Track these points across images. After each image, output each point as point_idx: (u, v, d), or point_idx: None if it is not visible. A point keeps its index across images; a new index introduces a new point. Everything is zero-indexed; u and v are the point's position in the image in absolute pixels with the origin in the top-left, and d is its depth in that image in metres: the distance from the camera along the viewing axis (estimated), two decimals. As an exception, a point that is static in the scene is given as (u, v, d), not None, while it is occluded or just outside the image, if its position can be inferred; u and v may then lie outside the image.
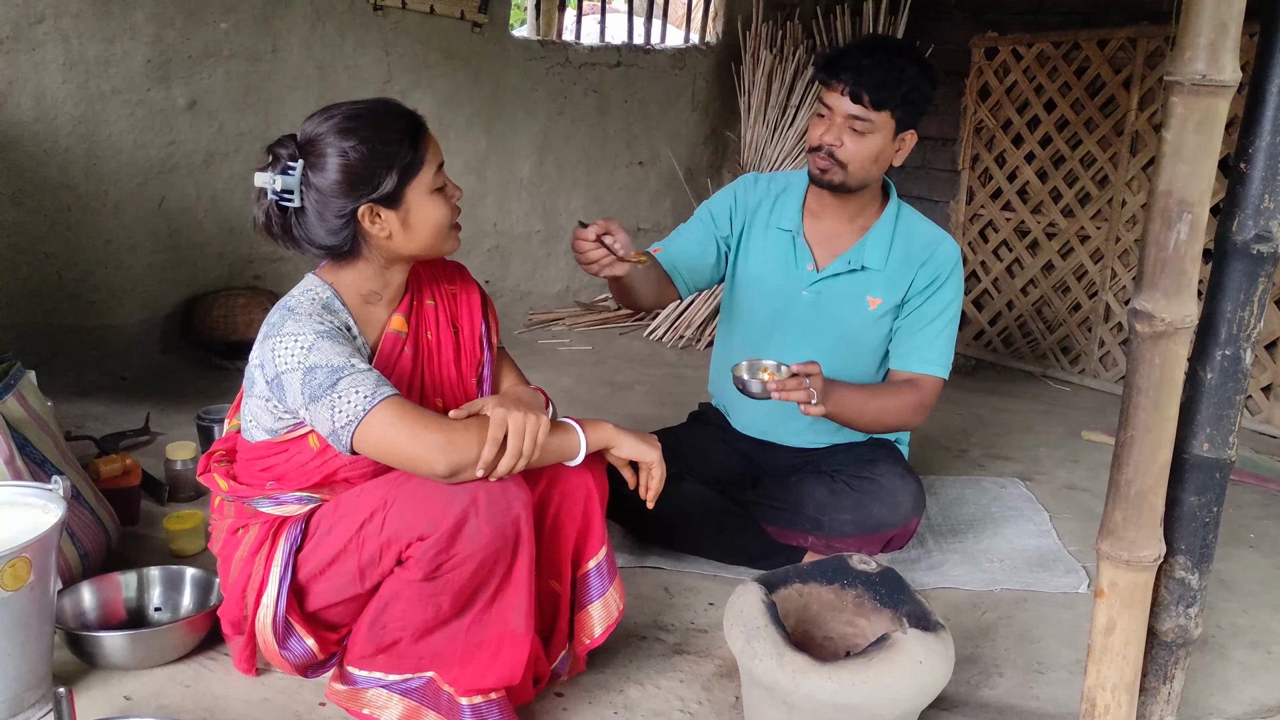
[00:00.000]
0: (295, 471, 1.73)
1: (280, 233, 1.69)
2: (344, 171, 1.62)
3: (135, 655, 1.86)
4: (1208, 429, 1.62)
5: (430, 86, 4.29)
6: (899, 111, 2.19)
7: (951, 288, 2.34)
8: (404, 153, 1.66)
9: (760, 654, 1.60)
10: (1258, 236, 1.54)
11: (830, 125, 2.21)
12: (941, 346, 2.34)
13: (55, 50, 3.41)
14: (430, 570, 1.59)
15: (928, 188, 4.86)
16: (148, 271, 3.81)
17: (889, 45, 2.21)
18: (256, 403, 1.71)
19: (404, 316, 1.81)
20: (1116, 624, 1.65)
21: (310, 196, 1.64)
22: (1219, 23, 1.42)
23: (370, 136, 1.63)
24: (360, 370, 1.59)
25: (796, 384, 2.07)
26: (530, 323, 4.83)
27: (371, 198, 1.64)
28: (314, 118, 1.67)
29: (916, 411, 2.32)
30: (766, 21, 4.84)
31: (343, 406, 1.56)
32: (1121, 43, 3.99)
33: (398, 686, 1.70)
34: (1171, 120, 1.48)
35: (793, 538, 2.34)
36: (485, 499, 1.57)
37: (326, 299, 1.70)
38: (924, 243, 2.35)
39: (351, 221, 1.66)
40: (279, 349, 1.62)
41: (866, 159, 2.22)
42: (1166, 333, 1.52)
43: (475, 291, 1.96)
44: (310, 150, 1.64)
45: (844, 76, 2.16)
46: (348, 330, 1.70)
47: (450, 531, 1.56)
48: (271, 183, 1.63)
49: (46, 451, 2.18)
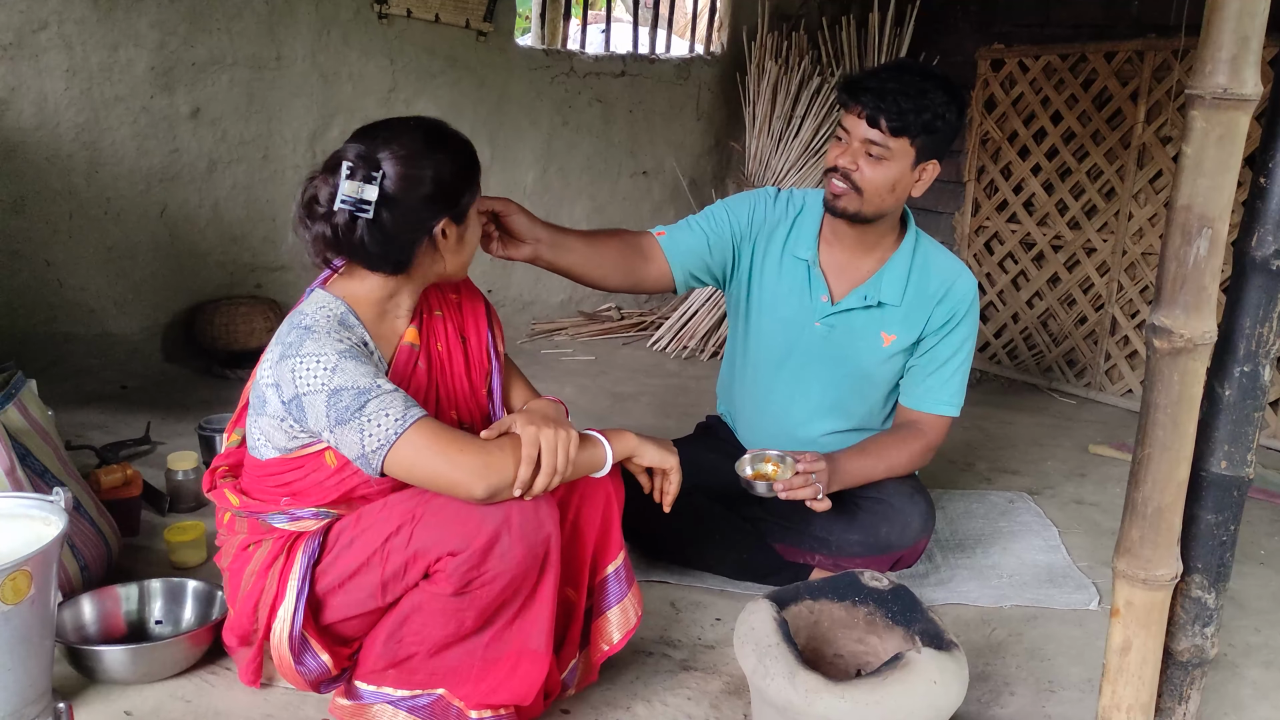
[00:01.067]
0: (313, 488, 1.70)
1: (344, 244, 1.63)
2: (436, 185, 1.62)
3: (136, 669, 1.83)
4: (1226, 446, 1.61)
5: (434, 95, 4.28)
6: (919, 140, 2.09)
7: (967, 325, 2.29)
8: (475, 169, 1.70)
9: (772, 673, 1.58)
10: (1277, 252, 1.52)
11: (847, 149, 2.13)
12: (955, 387, 2.30)
13: (58, 57, 3.40)
14: (461, 586, 1.57)
15: (932, 199, 4.85)
16: (149, 280, 3.79)
17: (916, 70, 2.10)
18: (269, 422, 1.67)
19: (416, 329, 1.79)
20: (1132, 643, 1.63)
21: (390, 209, 1.59)
22: (1241, 36, 1.41)
23: (452, 153, 1.66)
24: (387, 391, 1.57)
25: (803, 481, 2.07)
26: (533, 333, 4.81)
27: (450, 213, 1.66)
28: (383, 135, 1.62)
29: (924, 455, 2.31)
30: (772, 32, 4.83)
31: (372, 430, 1.54)
32: (1129, 55, 3.98)
33: (405, 703, 1.68)
34: (1192, 134, 1.46)
35: (800, 555, 2.31)
36: (519, 518, 1.56)
37: (342, 314, 1.67)
38: (941, 278, 2.28)
39: (426, 236, 1.65)
40: (299, 370, 1.58)
41: (882, 187, 2.13)
42: (1185, 349, 1.51)
43: (480, 301, 1.94)
44: (393, 164, 1.59)
45: (863, 100, 2.08)
46: (365, 346, 1.68)
47: (483, 549, 1.55)
48: (358, 191, 1.57)
49: (48, 462, 2.16)
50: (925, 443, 2.29)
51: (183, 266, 3.86)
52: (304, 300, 1.72)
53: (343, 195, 1.58)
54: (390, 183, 1.59)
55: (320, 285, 1.74)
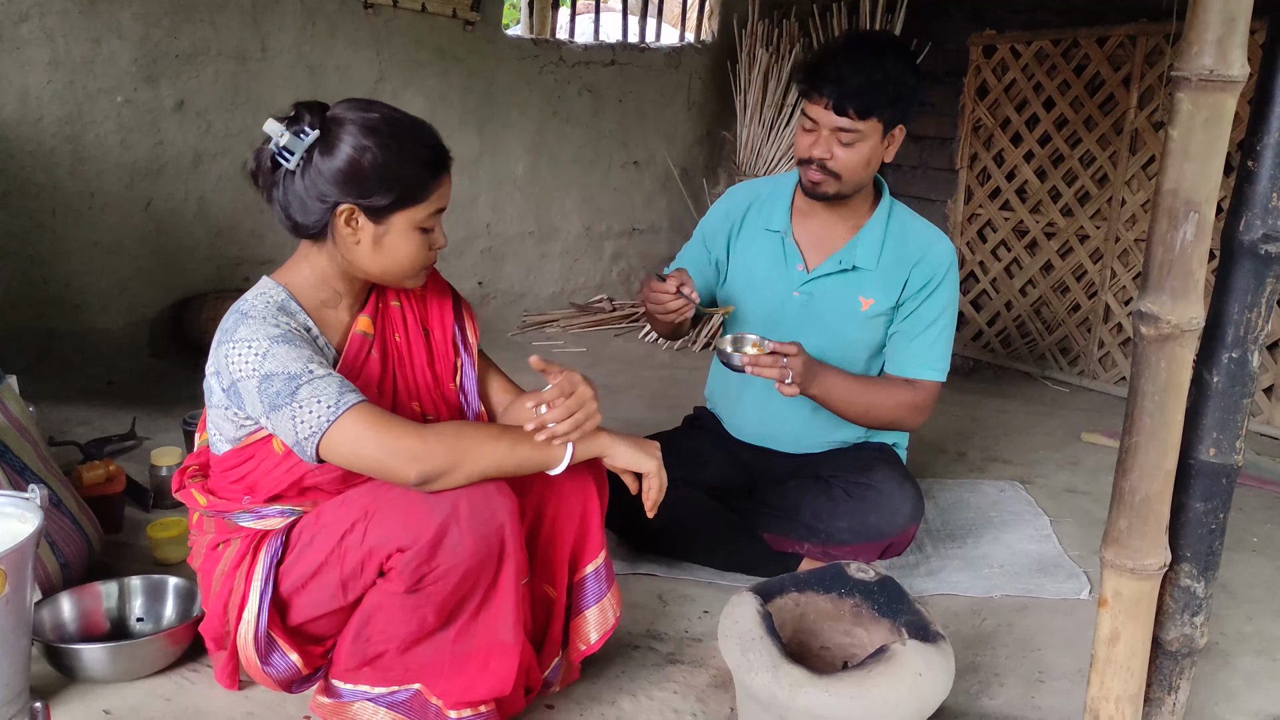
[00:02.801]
0: (265, 478, 1.68)
1: (263, 185, 1.65)
2: (348, 165, 1.57)
3: (115, 668, 1.81)
4: (1214, 434, 1.58)
5: (422, 86, 4.25)
6: (886, 113, 2.13)
7: (947, 289, 2.30)
8: (413, 180, 1.61)
9: (756, 667, 1.56)
10: (1266, 236, 1.50)
11: (818, 138, 2.16)
12: (939, 351, 2.30)
13: (40, 50, 3.37)
14: (412, 582, 1.55)
15: (925, 187, 4.82)
16: (135, 274, 3.76)
17: (869, 47, 2.10)
18: (217, 412, 1.66)
19: (370, 318, 1.76)
20: (1120, 634, 1.61)
21: (306, 169, 1.59)
22: (1227, 17, 1.38)
23: (391, 148, 1.58)
24: (319, 376, 1.55)
25: (771, 361, 2.07)
26: (524, 325, 4.78)
27: (358, 202, 1.60)
28: (353, 103, 1.62)
29: (911, 411, 2.30)
30: (762, 20, 4.79)
31: (304, 416, 1.52)
32: (1120, 40, 3.95)
33: (384, 699, 1.66)
34: (1178, 117, 1.43)
35: (789, 545, 2.30)
36: (467, 508, 1.53)
37: (282, 301, 1.65)
38: (918, 243, 2.31)
39: (329, 211, 1.61)
40: (232, 355, 1.57)
41: (859, 166, 2.17)
42: (1172, 335, 1.48)
43: (447, 293, 1.90)
44: (331, 129, 1.59)
45: (826, 90, 2.09)
46: (307, 332, 1.65)
47: (431, 543, 1.52)
48: (279, 135, 1.58)
49: (27, 459, 2.14)
50: (913, 398, 2.29)
51: (169, 261, 3.83)
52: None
53: (266, 130, 1.59)
54: (318, 146, 1.58)
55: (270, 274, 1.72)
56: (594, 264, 5.11)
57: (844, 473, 2.32)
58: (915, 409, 2.29)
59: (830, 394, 2.20)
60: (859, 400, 2.25)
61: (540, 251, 4.90)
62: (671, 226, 5.23)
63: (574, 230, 4.99)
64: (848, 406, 2.24)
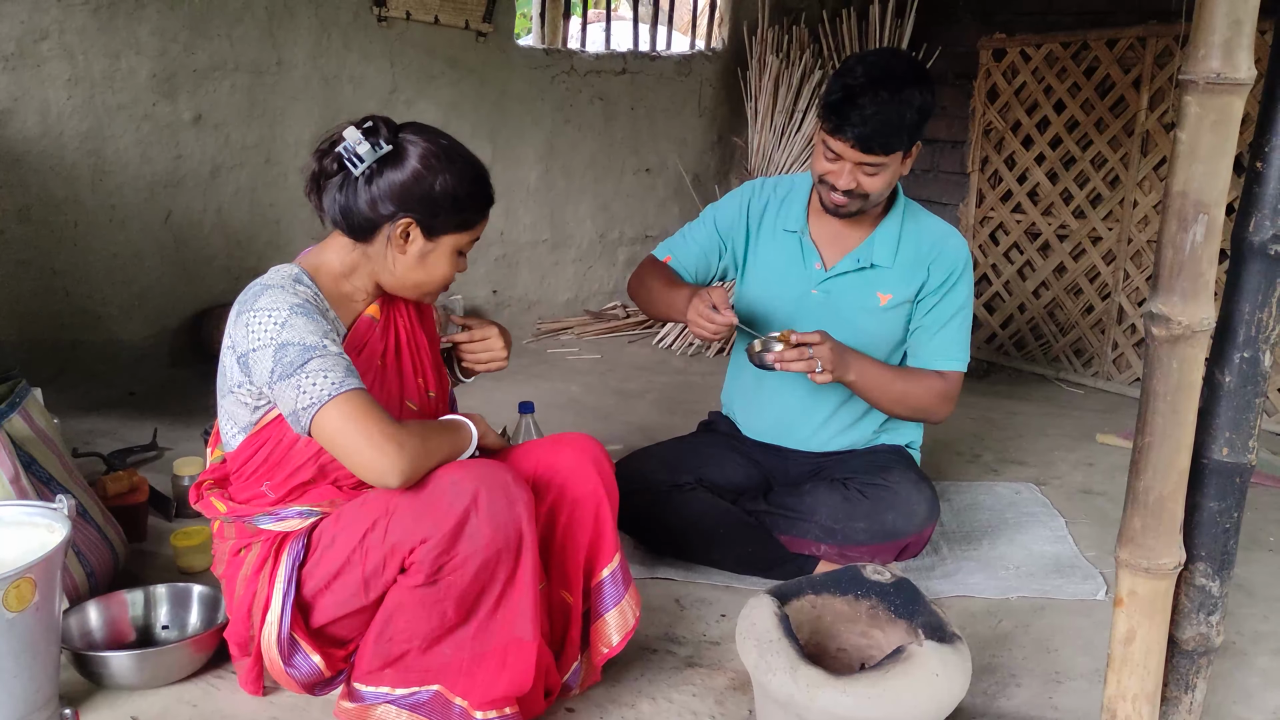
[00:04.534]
0: (286, 457, 1.73)
1: (323, 184, 1.72)
2: (420, 185, 1.67)
3: (142, 675, 1.84)
4: (1227, 433, 1.59)
5: (435, 96, 4.29)
6: (907, 143, 2.17)
7: (965, 284, 2.35)
8: (470, 211, 1.74)
9: (774, 668, 1.57)
10: (1275, 237, 1.51)
11: (842, 170, 2.19)
12: (960, 341, 2.35)
13: (60, 66, 3.42)
14: (431, 572, 1.58)
15: (937, 190, 4.83)
16: (155, 286, 3.81)
17: (889, 80, 2.10)
18: (229, 400, 1.72)
19: (378, 306, 1.83)
20: (1137, 633, 1.62)
21: (374, 179, 1.67)
22: (1234, 20, 1.40)
23: (459, 177, 1.70)
24: (333, 354, 1.60)
25: (797, 355, 2.10)
26: (539, 332, 4.81)
27: (419, 218, 1.69)
28: (423, 128, 1.72)
29: (942, 400, 2.33)
30: (772, 26, 4.81)
31: (308, 387, 1.57)
32: (1130, 42, 3.96)
33: (405, 701, 1.68)
34: (1186, 120, 1.45)
35: (806, 546, 2.31)
36: (486, 499, 1.57)
37: (297, 274, 1.72)
38: (932, 240, 2.35)
39: (388, 222, 1.70)
40: (253, 323, 1.62)
41: (882, 190, 2.22)
42: (1184, 336, 1.50)
43: (430, 312, 2.00)
44: (404, 146, 1.68)
45: (850, 133, 2.11)
46: (320, 301, 1.71)
47: (451, 532, 1.56)
48: (358, 141, 1.66)
49: (53, 470, 2.17)
50: (943, 387, 2.32)
51: (188, 272, 3.88)
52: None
53: (345, 142, 1.66)
54: (390, 161, 1.67)
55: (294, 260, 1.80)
56: (607, 270, 5.14)
57: (860, 474, 2.34)
58: (945, 398, 2.33)
59: (866, 379, 2.23)
60: (893, 387, 2.28)
61: (554, 259, 4.93)
62: (684, 232, 5.25)
63: (587, 237, 5.01)
64: (882, 393, 2.28)
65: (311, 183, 1.74)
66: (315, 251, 1.80)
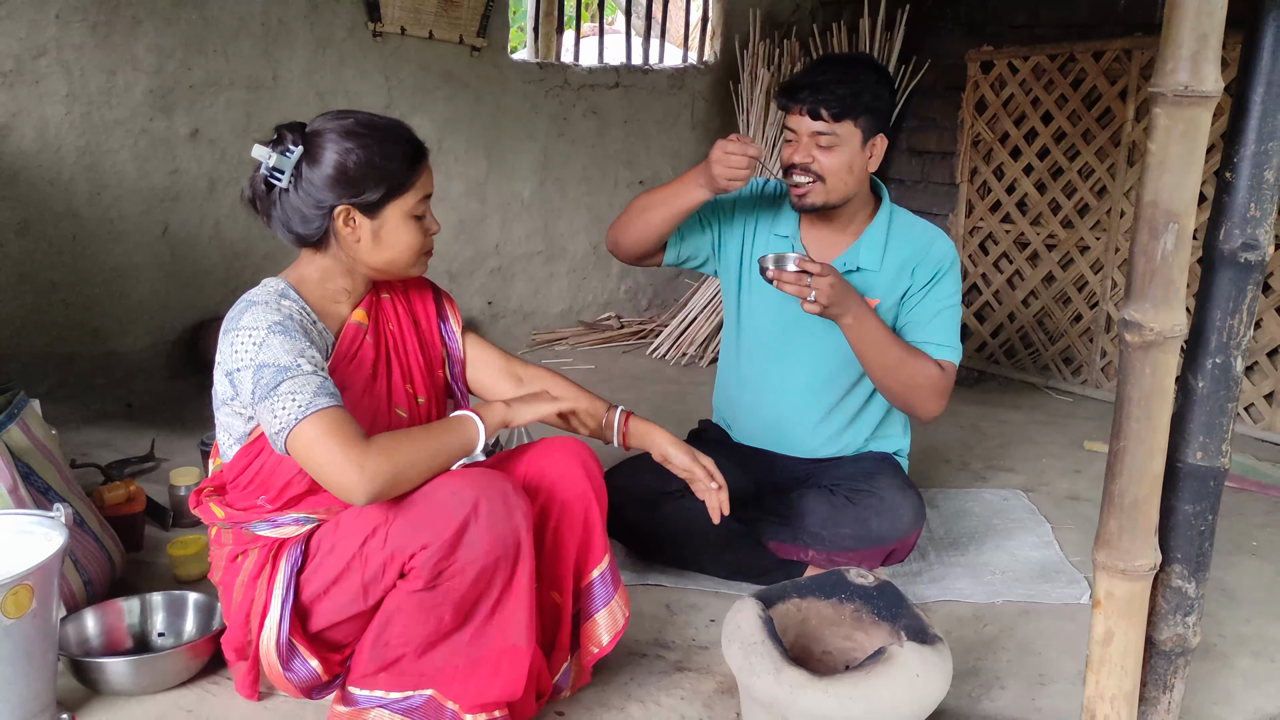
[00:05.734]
0: (277, 470, 1.74)
1: (261, 208, 1.75)
2: (336, 169, 1.68)
3: (139, 681, 1.86)
4: (1200, 437, 1.62)
5: (430, 111, 4.33)
6: (862, 120, 2.22)
7: (951, 280, 2.37)
8: (398, 171, 1.72)
9: (758, 670, 1.60)
10: (1245, 245, 1.55)
11: (798, 145, 2.26)
12: (951, 332, 2.35)
13: (58, 82, 3.46)
14: (431, 578, 1.61)
15: (927, 201, 4.88)
16: (152, 299, 3.84)
17: (841, 59, 2.23)
18: (224, 411, 1.75)
19: (365, 310, 1.86)
20: (1114, 634, 1.65)
21: (298, 183, 1.70)
22: (1200, 34, 1.44)
23: (371, 145, 1.70)
24: (305, 374, 1.61)
25: (794, 278, 2.13)
26: (534, 343, 4.85)
27: (352, 201, 1.71)
28: (329, 115, 1.74)
29: (933, 389, 2.27)
30: (764, 40, 4.87)
31: (278, 411, 1.59)
32: (1116, 54, 4.01)
33: (398, 705, 1.70)
34: (1156, 132, 1.49)
35: (794, 553, 2.34)
36: (486, 508, 1.60)
37: (283, 289, 1.75)
38: (919, 243, 2.38)
39: (328, 217, 1.72)
40: (236, 344, 1.65)
41: (841, 170, 2.25)
42: (1156, 342, 1.53)
43: (426, 287, 2.01)
44: (313, 141, 1.70)
45: (801, 96, 2.21)
46: (306, 314, 1.74)
47: (452, 539, 1.58)
48: (267, 157, 1.69)
49: (50, 480, 2.20)
50: (938, 375, 2.28)
51: (185, 285, 3.91)
52: None
53: (254, 156, 1.70)
54: (305, 160, 1.69)
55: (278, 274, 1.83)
56: (601, 282, 5.18)
57: (847, 481, 2.37)
58: (937, 389, 2.28)
59: (863, 326, 2.19)
60: (890, 350, 2.23)
61: (548, 270, 4.97)
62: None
63: (581, 249, 5.05)
64: (877, 351, 2.23)
65: (253, 210, 1.77)
66: (295, 267, 1.82)
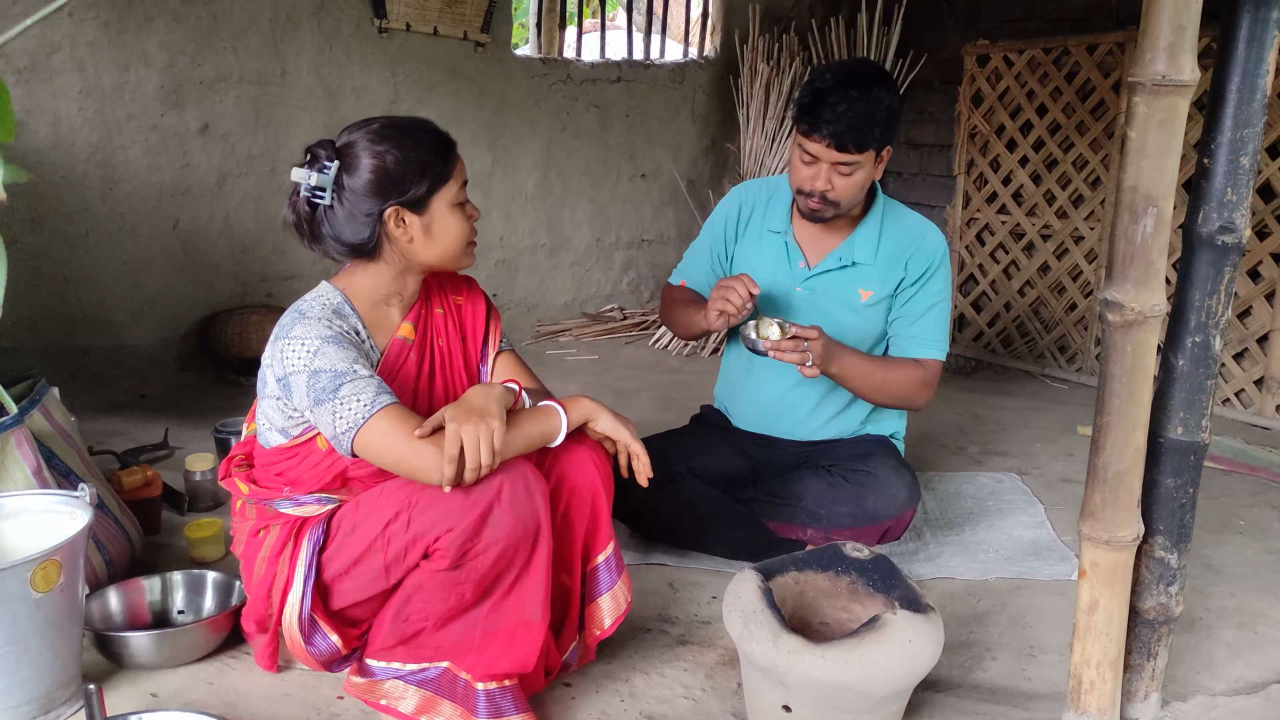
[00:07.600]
0: (308, 474, 1.81)
1: (308, 229, 1.78)
2: (376, 173, 1.72)
3: (160, 654, 1.93)
4: (1181, 413, 1.69)
5: (435, 105, 4.39)
6: (879, 141, 2.27)
7: (942, 276, 2.45)
8: (435, 164, 1.77)
9: (757, 637, 1.67)
10: (1222, 228, 1.61)
11: (818, 172, 2.28)
12: (938, 331, 2.45)
13: (71, 78, 3.53)
14: (456, 558, 1.66)
15: (925, 193, 4.94)
16: (164, 292, 3.91)
17: (858, 80, 2.22)
18: (269, 402, 1.79)
19: (412, 324, 1.89)
20: (1099, 602, 1.72)
21: (342, 196, 1.74)
22: (1177, 26, 1.50)
23: (405, 144, 1.74)
24: (362, 376, 1.67)
25: (793, 346, 2.20)
26: (538, 334, 4.91)
27: (399, 201, 1.75)
28: (351, 127, 1.77)
29: (921, 388, 2.42)
30: (763, 35, 4.93)
31: (343, 412, 1.65)
32: (1110, 47, 4.06)
33: (414, 677, 1.77)
34: (1135, 119, 1.55)
35: (792, 531, 2.41)
36: (509, 491, 1.66)
37: (337, 304, 1.79)
38: (911, 236, 2.45)
39: (378, 222, 1.75)
40: (287, 351, 1.70)
41: (855, 192, 2.32)
42: (1137, 321, 1.60)
43: (481, 302, 2.04)
44: (347, 153, 1.74)
45: (825, 130, 2.22)
46: (356, 334, 1.78)
47: (477, 522, 1.64)
48: (307, 178, 1.73)
49: (72, 463, 2.27)
50: (922, 375, 2.42)
51: (196, 278, 3.98)
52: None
53: (294, 179, 1.73)
54: (344, 173, 1.73)
55: (329, 279, 1.86)
56: (604, 274, 5.24)
57: (843, 461, 2.44)
58: (924, 385, 2.43)
59: (847, 372, 2.33)
60: (873, 377, 2.38)
61: (552, 263, 5.04)
62: (679, 236, 5.35)
63: (584, 241, 5.12)
64: (862, 383, 2.37)
65: (299, 235, 1.80)
66: (348, 272, 1.85)
